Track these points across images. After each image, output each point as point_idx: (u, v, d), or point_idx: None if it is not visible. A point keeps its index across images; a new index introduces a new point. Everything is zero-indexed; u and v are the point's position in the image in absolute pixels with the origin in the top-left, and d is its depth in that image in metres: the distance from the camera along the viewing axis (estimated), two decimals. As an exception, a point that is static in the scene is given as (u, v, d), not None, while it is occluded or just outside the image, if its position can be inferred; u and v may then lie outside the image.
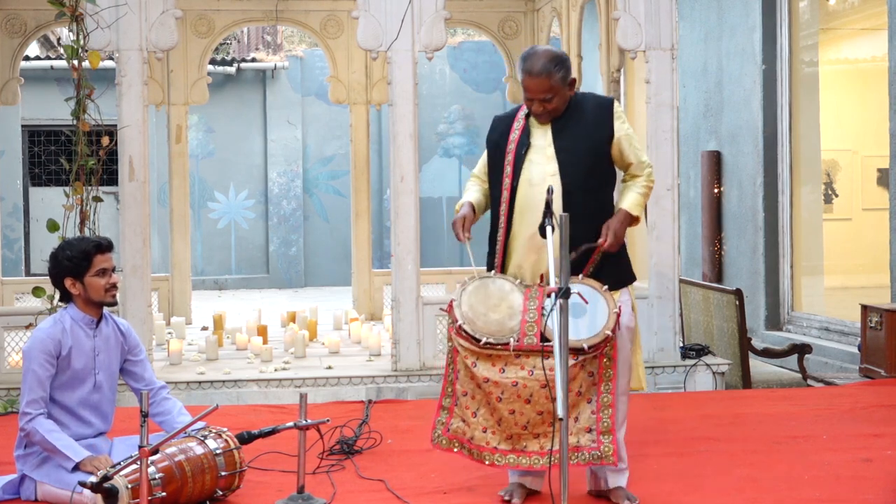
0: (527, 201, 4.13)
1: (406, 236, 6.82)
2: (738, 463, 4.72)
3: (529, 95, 4.13)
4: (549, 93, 4.10)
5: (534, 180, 4.13)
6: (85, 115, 6.59)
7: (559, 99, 4.13)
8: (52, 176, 15.47)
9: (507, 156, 4.21)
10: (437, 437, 4.14)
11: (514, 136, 4.22)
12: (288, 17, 9.86)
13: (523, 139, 4.20)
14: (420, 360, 6.79)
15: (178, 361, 7.24)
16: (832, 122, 8.98)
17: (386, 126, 14.30)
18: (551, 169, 4.12)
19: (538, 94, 4.10)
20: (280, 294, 14.97)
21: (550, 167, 4.13)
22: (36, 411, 4.10)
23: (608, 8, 8.52)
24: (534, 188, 4.12)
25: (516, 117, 4.28)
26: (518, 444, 3.99)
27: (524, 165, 4.16)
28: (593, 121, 4.16)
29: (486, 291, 4.09)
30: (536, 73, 4.08)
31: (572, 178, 4.09)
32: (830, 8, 9.06)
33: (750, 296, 8.93)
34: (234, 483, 4.19)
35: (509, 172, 4.18)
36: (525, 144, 4.18)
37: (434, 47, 6.88)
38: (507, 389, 3.96)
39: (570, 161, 4.11)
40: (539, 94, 4.10)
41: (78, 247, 4.23)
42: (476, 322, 4.02)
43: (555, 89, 4.10)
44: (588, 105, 4.21)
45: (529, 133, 4.21)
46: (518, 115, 4.28)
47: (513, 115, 4.31)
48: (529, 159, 4.17)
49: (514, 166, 4.17)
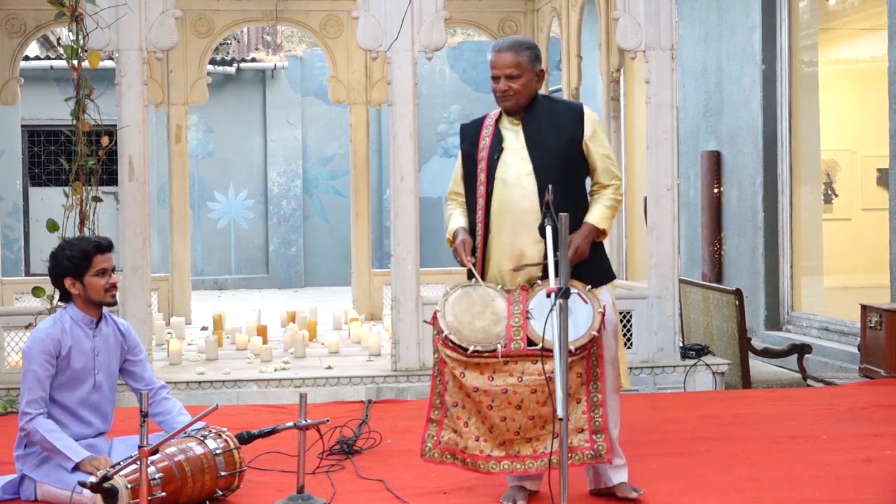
0: (503, 203, 4.13)
1: (406, 236, 6.82)
2: (737, 463, 4.71)
3: (495, 72, 4.14)
4: (515, 69, 4.11)
5: (509, 181, 4.13)
6: (85, 115, 6.59)
7: (525, 81, 4.13)
8: (51, 176, 15.47)
9: (479, 163, 4.20)
10: (429, 451, 4.09)
11: (486, 143, 4.21)
12: (288, 17, 9.87)
13: (495, 144, 4.18)
14: (420, 360, 6.79)
15: (177, 361, 7.24)
16: (832, 122, 8.98)
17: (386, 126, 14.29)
18: (525, 169, 4.12)
19: (504, 70, 4.11)
20: (280, 294, 14.97)
21: (525, 167, 4.13)
22: (36, 411, 4.10)
23: (608, 8, 8.52)
24: (509, 189, 4.13)
25: (484, 124, 4.27)
26: (511, 450, 3.99)
27: (498, 167, 4.15)
28: (566, 122, 4.18)
29: (469, 300, 4.08)
30: (505, 48, 4.13)
31: (546, 176, 4.07)
32: (830, 8, 9.06)
33: (750, 296, 8.93)
34: (233, 483, 4.19)
35: (483, 179, 4.17)
36: (497, 149, 4.17)
37: (434, 47, 6.88)
38: (498, 397, 3.95)
39: (543, 160, 4.12)
40: (505, 68, 4.11)
41: (78, 247, 4.23)
42: (462, 331, 4.00)
43: (522, 68, 4.11)
44: (560, 108, 4.25)
45: (502, 139, 4.20)
46: (486, 122, 4.27)
47: (480, 123, 4.30)
48: (503, 160, 4.16)
49: (488, 172, 4.16)
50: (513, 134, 4.21)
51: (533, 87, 4.18)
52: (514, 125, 4.21)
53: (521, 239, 4.10)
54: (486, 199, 4.16)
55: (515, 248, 4.11)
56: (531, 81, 4.16)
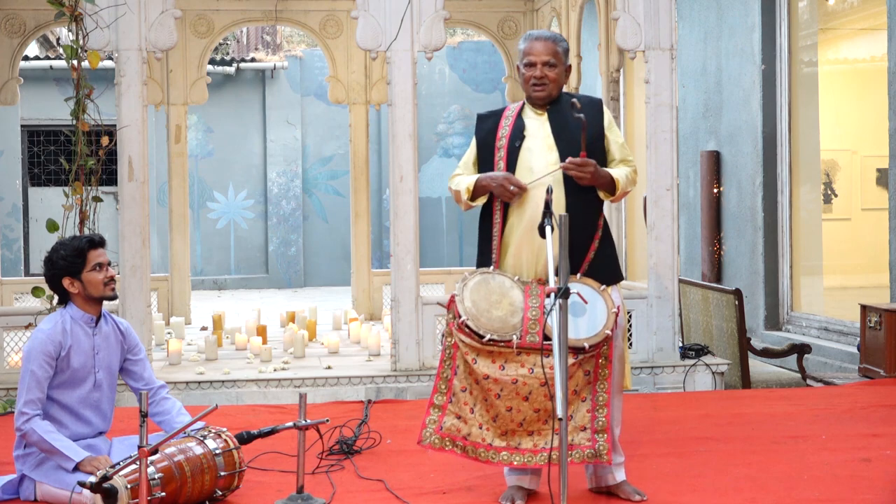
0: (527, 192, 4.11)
1: (405, 236, 6.82)
2: (737, 463, 4.72)
3: (533, 59, 4.17)
4: (553, 57, 4.17)
5: (535, 168, 4.13)
6: (84, 115, 6.59)
7: (559, 73, 4.19)
8: (51, 176, 15.47)
9: (497, 151, 4.20)
10: (429, 436, 4.07)
11: (505, 133, 4.21)
12: (287, 17, 9.87)
13: (516, 133, 4.19)
14: (419, 360, 6.79)
15: (177, 361, 7.24)
16: (831, 122, 8.98)
17: (385, 126, 14.31)
18: (553, 157, 4.13)
19: (542, 57, 4.16)
20: (279, 294, 14.97)
21: (552, 156, 4.13)
22: (33, 412, 4.10)
23: (607, 8, 8.52)
24: (535, 176, 4.12)
25: (504, 115, 4.28)
26: (512, 441, 3.99)
27: (522, 156, 4.15)
28: (588, 114, 4.17)
29: (487, 287, 4.08)
30: (543, 38, 4.20)
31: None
32: (829, 8, 9.06)
33: (749, 296, 8.94)
34: (233, 483, 4.19)
35: (503, 167, 4.16)
36: (519, 137, 4.18)
37: (433, 47, 6.88)
38: (507, 387, 3.96)
39: (569, 149, 4.11)
40: (543, 55, 4.16)
41: (71, 245, 4.25)
42: (480, 318, 4.01)
43: (558, 57, 4.18)
44: (581, 101, 4.25)
45: (523, 127, 4.21)
46: (505, 112, 4.29)
47: (500, 113, 4.31)
48: (528, 148, 4.16)
49: (508, 160, 4.16)
50: (537, 123, 4.21)
51: (563, 81, 4.24)
52: (538, 115, 4.23)
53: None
54: None
55: (536, 238, 4.08)
56: (562, 74, 4.22)
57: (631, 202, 11.15)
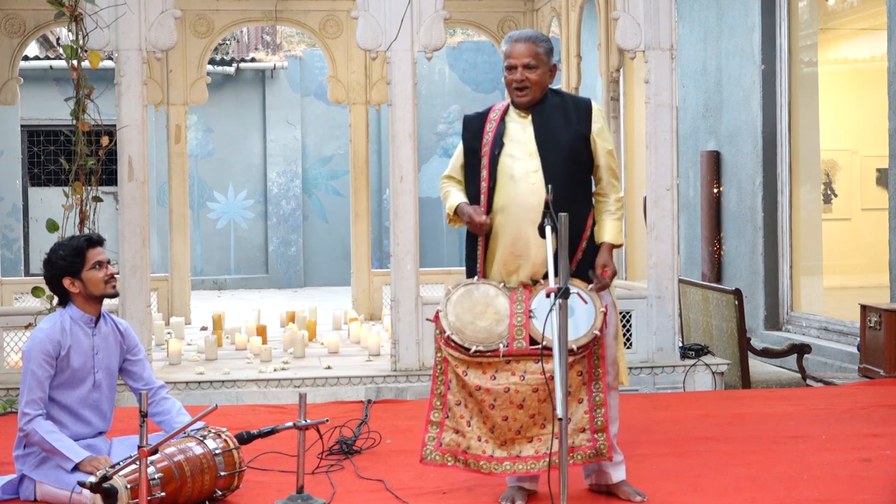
0: (509, 198, 4.08)
1: (405, 236, 6.82)
2: (737, 463, 4.72)
3: (512, 62, 4.10)
4: (532, 58, 4.08)
5: (516, 176, 4.09)
6: (84, 115, 6.59)
7: (541, 74, 4.11)
8: (51, 176, 15.47)
9: (482, 158, 4.15)
10: (430, 454, 4.06)
11: (489, 138, 4.16)
12: (287, 17, 9.87)
13: (497, 139, 4.13)
14: (419, 359, 6.79)
15: (177, 361, 7.24)
16: (831, 122, 8.98)
17: (385, 126, 14.31)
18: (534, 164, 4.08)
19: (521, 59, 4.08)
20: (279, 294, 14.97)
21: (533, 163, 4.09)
22: (35, 412, 4.11)
23: (607, 8, 8.52)
24: (516, 184, 4.08)
25: (488, 118, 4.21)
26: (513, 450, 3.98)
27: (503, 161, 4.10)
28: (574, 116, 4.14)
29: (471, 299, 4.06)
30: (523, 39, 4.11)
31: (554, 172, 4.05)
32: (829, 8, 9.06)
33: (749, 296, 8.93)
34: (233, 483, 4.19)
35: (485, 175, 4.12)
36: (499, 144, 4.12)
37: (433, 47, 6.88)
38: (500, 396, 3.95)
39: (552, 155, 4.08)
40: (522, 58, 4.08)
41: (69, 245, 4.25)
42: (464, 331, 3.99)
43: (539, 58, 4.09)
44: (568, 102, 4.21)
45: (504, 132, 4.15)
46: (490, 115, 4.22)
47: (485, 115, 4.25)
48: (510, 154, 4.11)
49: (490, 168, 4.12)
50: (519, 127, 4.15)
51: (546, 81, 4.15)
52: (522, 118, 4.16)
53: (526, 235, 4.04)
54: (489, 194, 4.11)
55: (520, 245, 4.06)
56: (545, 75, 4.14)
57: (631, 202, 11.15)
